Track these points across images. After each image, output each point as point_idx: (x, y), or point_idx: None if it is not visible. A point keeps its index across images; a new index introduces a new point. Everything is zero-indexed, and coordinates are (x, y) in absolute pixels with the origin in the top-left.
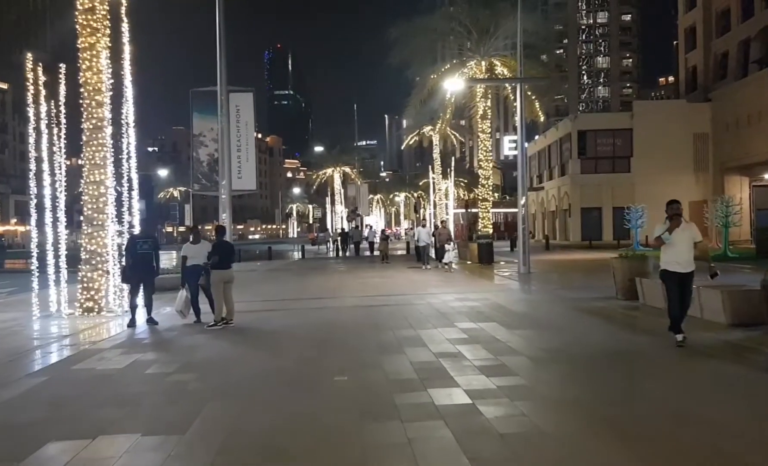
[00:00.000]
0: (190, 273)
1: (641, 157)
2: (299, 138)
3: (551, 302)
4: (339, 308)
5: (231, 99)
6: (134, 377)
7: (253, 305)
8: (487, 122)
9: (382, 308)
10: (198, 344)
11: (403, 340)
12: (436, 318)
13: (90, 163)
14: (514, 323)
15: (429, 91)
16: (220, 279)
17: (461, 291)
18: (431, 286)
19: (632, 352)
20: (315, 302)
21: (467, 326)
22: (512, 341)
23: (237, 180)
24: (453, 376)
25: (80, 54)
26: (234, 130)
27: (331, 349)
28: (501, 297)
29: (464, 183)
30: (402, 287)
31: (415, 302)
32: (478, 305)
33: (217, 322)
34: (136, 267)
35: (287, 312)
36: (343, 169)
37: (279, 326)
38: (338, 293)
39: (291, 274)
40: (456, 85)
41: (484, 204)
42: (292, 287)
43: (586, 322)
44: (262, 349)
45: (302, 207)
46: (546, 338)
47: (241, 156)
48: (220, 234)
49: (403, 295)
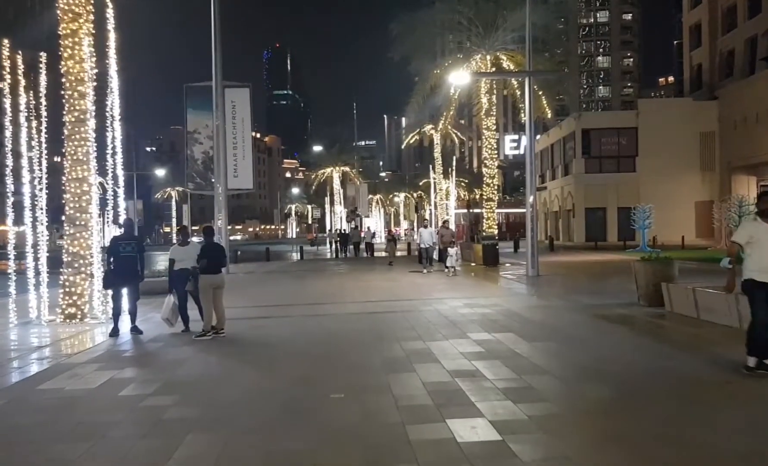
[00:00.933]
0: (177, 277)
1: (646, 157)
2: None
3: (568, 308)
4: (339, 315)
5: (227, 94)
6: (106, 400)
7: (247, 311)
8: (491, 119)
9: (386, 315)
10: (183, 358)
11: (412, 354)
12: (446, 327)
13: (72, 158)
14: (533, 333)
15: (431, 87)
16: (208, 285)
17: (469, 296)
18: (437, 290)
19: (678, 373)
20: (313, 308)
21: (482, 338)
22: (535, 356)
23: (233, 179)
24: (474, 401)
25: (61, 41)
26: (230, 126)
27: (331, 366)
28: (513, 303)
29: (465, 183)
30: (406, 291)
31: (422, 308)
32: (489, 312)
33: (206, 332)
34: (118, 271)
35: (283, 320)
36: (343, 169)
37: (273, 337)
38: (338, 297)
39: (289, 276)
40: (461, 79)
41: (489, 204)
42: (290, 290)
43: (612, 333)
44: (254, 365)
45: (301, 207)
46: (572, 352)
47: (237, 154)
48: (209, 235)
49: (407, 300)
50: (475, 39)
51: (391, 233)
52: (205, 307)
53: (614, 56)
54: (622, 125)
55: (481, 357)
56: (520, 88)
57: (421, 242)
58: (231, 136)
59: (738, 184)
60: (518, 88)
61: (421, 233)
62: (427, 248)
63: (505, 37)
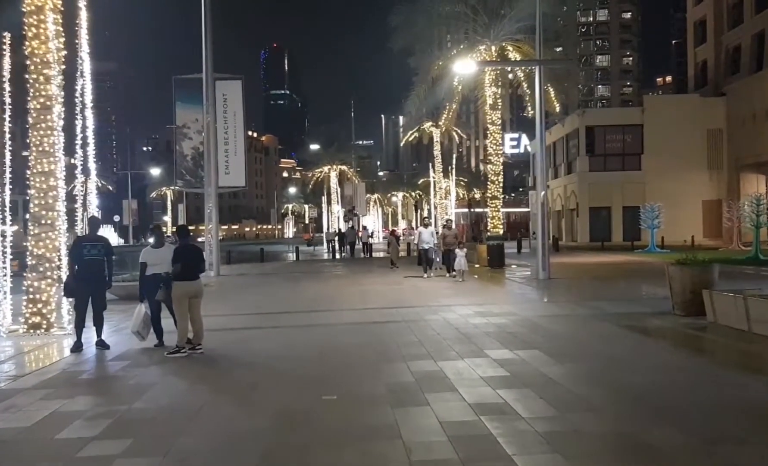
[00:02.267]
0: (150, 284)
1: (652, 155)
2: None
3: (593, 318)
4: (336, 325)
5: (218, 87)
6: (35, 446)
7: (233, 320)
8: (497, 113)
9: (388, 325)
10: (148, 383)
11: (423, 379)
12: (458, 342)
13: (37, 150)
14: (561, 350)
15: (434, 79)
16: (183, 293)
17: (479, 303)
18: (442, 296)
19: (761, 405)
20: (307, 317)
21: (503, 356)
22: (571, 382)
23: (224, 176)
24: (512, 455)
25: (25, 19)
26: (221, 121)
27: (326, 395)
28: (529, 311)
29: (464, 182)
30: (409, 297)
31: (427, 317)
32: (505, 322)
33: (181, 348)
34: (82, 277)
35: (272, 331)
36: (340, 168)
37: (259, 354)
38: (335, 303)
39: (282, 279)
40: (466, 68)
41: (494, 202)
42: (282, 295)
43: (655, 350)
44: (231, 394)
45: (298, 207)
46: (615, 377)
47: (228, 150)
48: (183, 236)
49: (411, 307)
50: (480, 29)
51: (394, 232)
52: (179, 319)
53: (613, 55)
54: (627, 122)
55: (508, 384)
56: (527, 80)
57: (421, 243)
58: (222, 131)
59: (747, 183)
60: (525, 80)
61: (421, 232)
62: (427, 249)
63: (511, 27)
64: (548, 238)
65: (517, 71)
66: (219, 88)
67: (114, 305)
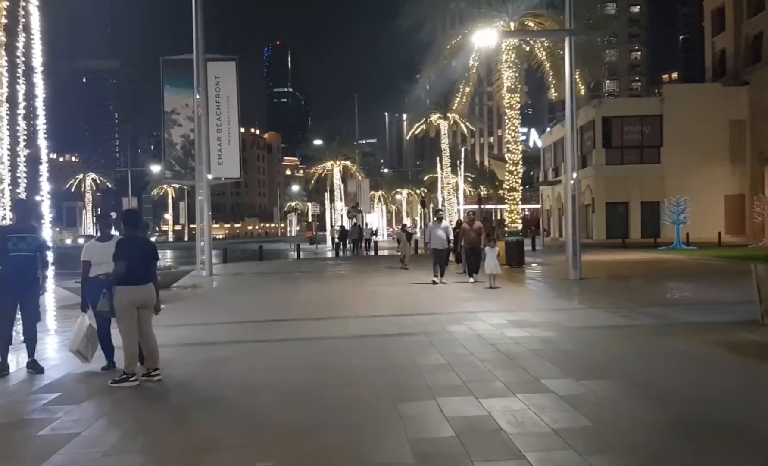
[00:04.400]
0: (96, 288)
1: (672, 147)
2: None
3: (664, 331)
4: (338, 338)
5: (210, 69)
6: None
7: (215, 330)
8: (515, 97)
9: (403, 339)
10: (66, 435)
11: (467, 433)
12: (500, 365)
13: None
14: (646, 379)
15: (446, 59)
16: (129, 302)
17: (509, 309)
18: (463, 300)
19: None
20: (303, 327)
21: (569, 390)
22: (693, 436)
23: (217, 166)
24: None
25: None
26: (213, 105)
27: (318, 463)
28: (575, 319)
29: (471, 178)
30: (424, 301)
31: (451, 327)
32: (550, 335)
33: (129, 375)
34: (7, 277)
35: (258, 347)
36: (343, 164)
37: (233, 384)
38: (337, 309)
39: (280, 279)
40: (488, 39)
41: (513, 195)
42: (278, 298)
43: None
44: (179, 458)
45: (301, 205)
46: (751, 425)
47: (222, 137)
48: (130, 224)
49: (429, 314)
50: (496, 3)
51: (404, 227)
52: (125, 337)
53: (621, 49)
54: (645, 113)
55: (597, 442)
56: (550, 58)
57: (432, 242)
58: (215, 117)
59: None
60: (547, 59)
61: (431, 229)
62: (440, 249)
63: (531, 0)
64: (578, 232)
65: (537, 52)
66: (211, 70)
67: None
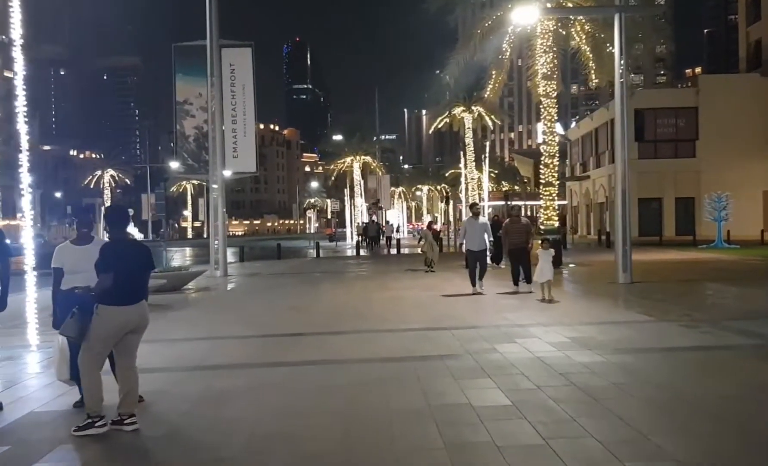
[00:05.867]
0: (69, 304)
1: (708, 140)
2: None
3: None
4: (365, 362)
5: (224, 56)
6: None
7: (219, 347)
8: (552, 84)
9: (446, 362)
10: None
11: None
12: (583, 409)
13: None
14: None
15: (479, 39)
16: (116, 327)
17: (563, 321)
18: (507, 309)
19: None
20: (323, 345)
21: (691, 453)
22: None
23: (232, 160)
24: None
25: None
26: (228, 95)
27: None
28: (649, 337)
29: (494, 174)
30: (460, 310)
31: (502, 348)
32: (629, 360)
33: (94, 419)
34: None
35: (270, 378)
36: (363, 159)
37: (236, 439)
38: (362, 320)
39: (298, 281)
40: (527, 16)
41: (549, 190)
42: (296, 305)
43: None
44: None
45: (321, 202)
46: None
47: (237, 129)
48: (117, 227)
49: (471, 328)
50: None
51: (431, 226)
52: (87, 371)
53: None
54: (679, 105)
55: None
56: (589, 42)
57: (467, 242)
58: (230, 107)
59: None
60: (587, 42)
61: (467, 227)
62: (476, 252)
63: None
64: (629, 230)
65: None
66: (225, 57)
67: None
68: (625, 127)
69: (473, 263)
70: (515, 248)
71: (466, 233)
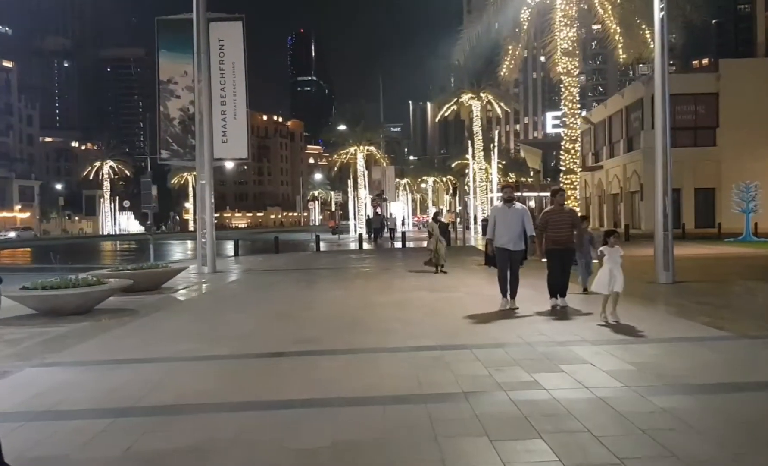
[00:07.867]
0: None
1: (729, 128)
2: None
3: None
4: (368, 405)
5: (212, 30)
6: None
7: (176, 374)
8: (574, 61)
9: (478, 407)
10: None
11: None
12: None
13: None
14: None
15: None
16: None
17: (613, 338)
18: (537, 320)
19: None
20: (314, 369)
21: None
22: None
23: (221, 145)
24: None
25: None
26: (216, 73)
27: None
28: (736, 363)
29: (502, 165)
30: (479, 316)
31: (543, 378)
32: (727, 402)
33: None
34: None
35: (235, 429)
36: (368, 149)
37: None
38: (363, 333)
39: (294, 279)
40: None
41: (570, 178)
42: (285, 311)
43: None
44: None
45: (324, 194)
46: None
47: (226, 111)
48: None
49: (499, 346)
50: None
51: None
52: None
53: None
54: (699, 91)
55: None
56: (617, 12)
57: (498, 238)
58: (218, 87)
59: None
60: (613, 15)
61: (496, 215)
62: (510, 251)
63: None
64: (671, 223)
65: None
66: (214, 31)
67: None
68: (666, 109)
69: (503, 264)
70: (557, 248)
71: (495, 223)
